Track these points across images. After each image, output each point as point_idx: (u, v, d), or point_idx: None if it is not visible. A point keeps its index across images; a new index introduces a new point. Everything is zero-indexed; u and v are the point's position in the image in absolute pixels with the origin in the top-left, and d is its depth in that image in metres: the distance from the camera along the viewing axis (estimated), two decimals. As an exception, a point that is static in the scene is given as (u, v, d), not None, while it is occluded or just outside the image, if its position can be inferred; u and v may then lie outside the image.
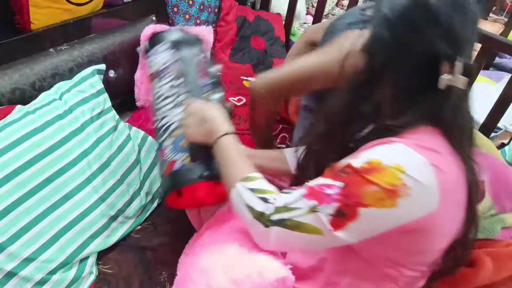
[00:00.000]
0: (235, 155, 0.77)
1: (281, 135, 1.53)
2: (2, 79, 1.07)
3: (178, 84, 0.94)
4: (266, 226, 0.66)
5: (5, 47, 1.13)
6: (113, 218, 1.07)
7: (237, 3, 1.92)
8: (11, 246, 0.87)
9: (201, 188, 0.87)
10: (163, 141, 0.91)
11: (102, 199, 1.05)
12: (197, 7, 1.76)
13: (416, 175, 0.59)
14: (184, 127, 0.86)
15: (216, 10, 1.85)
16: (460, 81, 0.62)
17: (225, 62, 1.85)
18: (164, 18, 1.68)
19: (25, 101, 1.08)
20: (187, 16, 1.74)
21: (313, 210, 0.63)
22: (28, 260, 0.89)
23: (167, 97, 0.93)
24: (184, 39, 1.03)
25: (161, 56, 1.00)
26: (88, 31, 1.36)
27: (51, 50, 1.22)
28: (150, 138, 1.29)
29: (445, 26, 0.61)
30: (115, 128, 1.17)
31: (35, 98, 1.09)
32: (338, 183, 0.63)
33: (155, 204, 1.21)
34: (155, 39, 1.05)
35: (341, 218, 0.62)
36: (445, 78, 0.61)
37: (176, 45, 1.01)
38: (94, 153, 1.07)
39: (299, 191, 0.66)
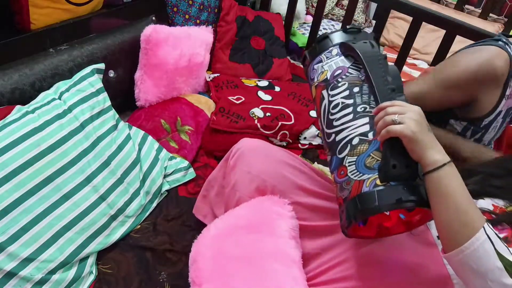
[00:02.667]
0: (465, 190, 0.67)
1: (281, 132, 1.53)
2: (2, 79, 1.08)
3: (357, 91, 0.80)
4: None
5: (5, 47, 1.13)
6: (113, 217, 1.07)
7: (237, 3, 1.92)
8: (11, 246, 0.87)
9: (391, 216, 0.77)
10: (342, 158, 0.78)
11: (102, 198, 1.06)
12: (197, 7, 1.76)
13: None
14: (405, 121, 0.69)
15: (216, 10, 1.85)
16: None
17: (225, 62, 1.86)
18: (164, 18, 1.69)
19: (25, 101, 1.08)
20: (187, 16, 1.75)
21: None
22: (28, 260, 0.89)
23: (344, 107, 0.80)
24: (355, 39, 0.86)
25: (333, 62, 0.86)
26: (88, 31, 1.36)
27: (51, 50, 1.22)
28: (150, 137, 1.29)
29: None
30: (115, 127, 1.17)
31: (35, 98, 1.09)
32: None
33: (154, 204, 1.21)
34: (319, 46, 0.91)
35: None
36: None
37: (347, 49, 0.85)
38: (93, 152, 1.07)
39: None
